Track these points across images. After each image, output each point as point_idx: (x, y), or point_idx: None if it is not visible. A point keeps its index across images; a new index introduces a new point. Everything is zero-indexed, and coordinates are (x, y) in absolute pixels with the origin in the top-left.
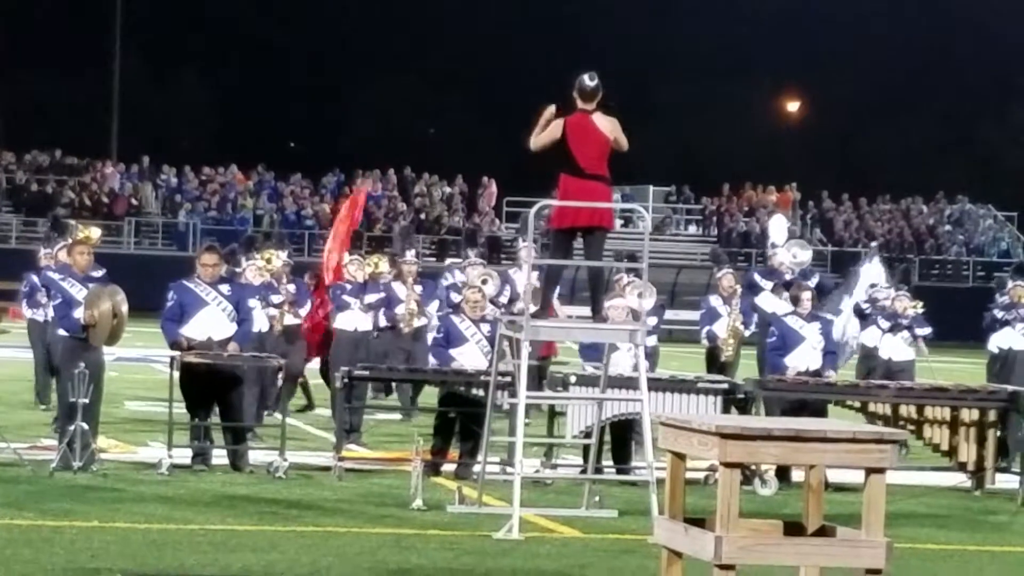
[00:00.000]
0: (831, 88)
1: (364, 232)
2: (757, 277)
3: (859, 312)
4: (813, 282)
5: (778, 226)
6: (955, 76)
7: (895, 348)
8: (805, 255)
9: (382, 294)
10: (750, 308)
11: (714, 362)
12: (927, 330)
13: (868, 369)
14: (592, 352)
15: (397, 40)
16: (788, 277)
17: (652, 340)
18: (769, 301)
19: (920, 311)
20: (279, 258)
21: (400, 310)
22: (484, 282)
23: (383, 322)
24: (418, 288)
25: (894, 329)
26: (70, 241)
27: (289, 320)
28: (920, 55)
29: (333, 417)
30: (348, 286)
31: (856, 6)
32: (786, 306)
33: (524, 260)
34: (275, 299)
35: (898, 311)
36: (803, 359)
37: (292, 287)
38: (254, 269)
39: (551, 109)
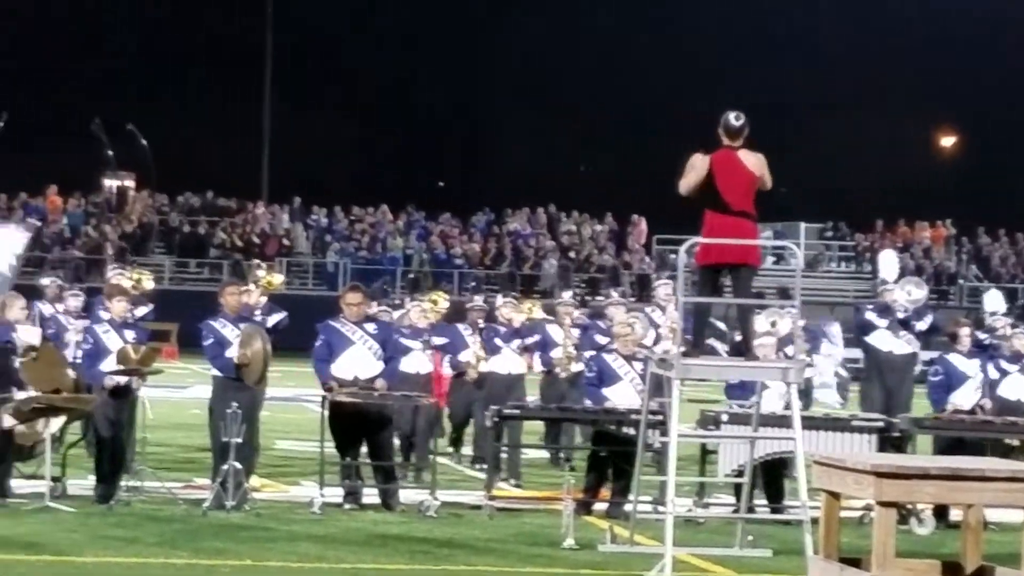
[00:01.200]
0: (986, 121)
1: (516, 272)
2: (871, 315)
3: (978, 344)
4: (927, 322)
5: (888, 262)
6: None
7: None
8: (920, 293)
9: (537, 337)
10: (863, 350)
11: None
12: None
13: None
14: (738, 391)
15: (548, 79)
16: (902, 316)
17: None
18: (885, 340)
19: None
20: (447, 300)
21: (556, 354)
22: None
23: (538, 366)
24: (575, 331)
25: None
26: (252, 286)
27: (483, 368)
28: None
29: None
30: (502, 329)
31: (1009, 38)
32: (902, 344)
33: (663, 299)
34: (436, 341)
35: (1021, 350)
36: (968, 396)
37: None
38: (418, 311)
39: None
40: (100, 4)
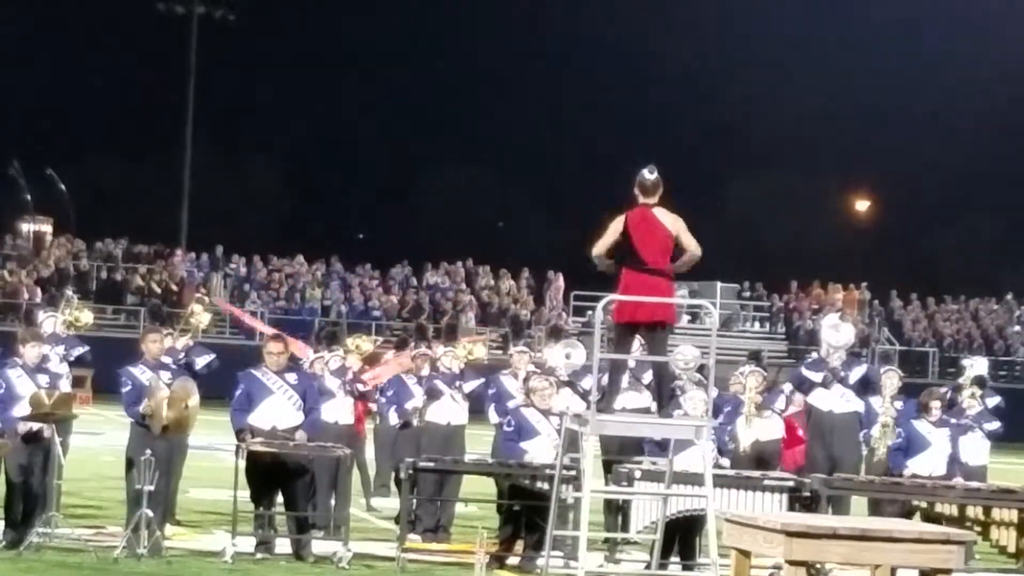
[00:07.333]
0: (900, 186)
1: (430, 324)
2: (807, 372)
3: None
4: (859, 372)
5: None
6: None
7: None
8: (846, 330)
9: (481, 380)
10: (806, 413)
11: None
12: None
13: None
14: (657, 448)
15: (469, 133)
16: (836, 364)
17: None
18: (823, 398)
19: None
20: (371, 342)
21: (512, 405)
22: (568, 356)
23: (495, 418)
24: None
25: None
26: (170, 330)
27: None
28: (990, 152)
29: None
30: (440, 375)
31: (925, 104)
32: (841, 402)
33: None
34: (361, 388)
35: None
36: (927, 464)
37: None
38: (338, 359)
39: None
40: (21, 46)
